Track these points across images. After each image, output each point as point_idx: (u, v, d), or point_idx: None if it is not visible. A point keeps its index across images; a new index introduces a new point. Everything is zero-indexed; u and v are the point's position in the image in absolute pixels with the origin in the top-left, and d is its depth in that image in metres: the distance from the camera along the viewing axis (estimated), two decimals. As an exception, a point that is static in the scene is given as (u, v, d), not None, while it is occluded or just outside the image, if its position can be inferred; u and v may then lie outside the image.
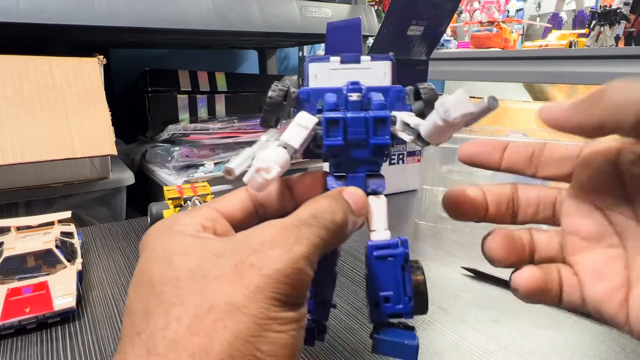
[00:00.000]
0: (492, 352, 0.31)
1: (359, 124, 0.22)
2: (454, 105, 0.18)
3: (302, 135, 0.22)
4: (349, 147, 0.22)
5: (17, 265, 0.38)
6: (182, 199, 0.55)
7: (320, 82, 0.24)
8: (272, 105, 0.23)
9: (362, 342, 0.33)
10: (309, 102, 0.24)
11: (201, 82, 1.12)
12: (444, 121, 0.18)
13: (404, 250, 0.22)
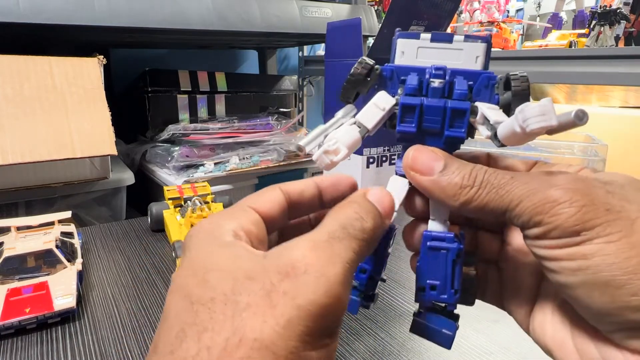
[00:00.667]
0: (493, 353, 0.31)
1: (435, 113, 0.21)
2: (535, 116, 0.17)
3: (378, 116, 0.22)
4: (422, 135, 0.21)
5: (17, 265, 0.38)
6: (182, 199, 0.55)
7: (406, 60, 0.23)
8: (354, 80, 0.22)
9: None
10: (392, 80, 0.23)
11: (201, 82, 1.12)
12: (522, 129, 0.18)
13: (459, 246, 0.21)
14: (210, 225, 0.20)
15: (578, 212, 0.16)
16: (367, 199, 0.20)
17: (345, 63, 0.64)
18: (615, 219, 0.16)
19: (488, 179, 0.18)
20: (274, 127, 1.11)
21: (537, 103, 0.18)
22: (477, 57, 0.22)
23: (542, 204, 0.17)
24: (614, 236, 0.16)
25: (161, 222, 0.52)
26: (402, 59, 0.23)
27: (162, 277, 0.43)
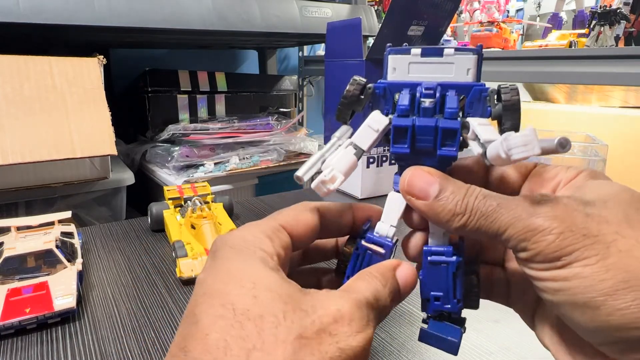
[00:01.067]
0: (493, 353, 0.31)
1: (427, 133, 0.21)
2: (518, 146, 0.18)
3: (372, 137, 0.22)
4: (416, 155, 0.22)
5: (17, 265, 0.38)
6: (182, 199, 0.54)
7: (399, 76, 0.23)
8: (349, 100, 0.23)
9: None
10: (385, 97, 0.23)
11: (201, 82, 1.12)
12: (507, 157, 0.18)
13: (458, 259, 0.22)
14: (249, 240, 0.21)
15: (557, 239, 0.17)
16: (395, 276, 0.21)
17: (345, 63, 0.64)
18: (592, 243, 0.17)
19: (478, 206, 0.19)
20: (274, 127, 1.11)
21: (520, 132, 0.18)
22: (469, 70, 0.22)
23: (525, 232, 0.18)
24: (590, 260, 0.17)
25: (161, 222, 0.52)
26: (394, 75, 0.23)
27: (162, 277, 0.43)
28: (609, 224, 0.17)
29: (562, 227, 0.17)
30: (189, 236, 0.47)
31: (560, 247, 0.17)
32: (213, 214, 0.50)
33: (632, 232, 0.17)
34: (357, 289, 0.19)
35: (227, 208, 0.56)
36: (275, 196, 0.69)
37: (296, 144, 1.08)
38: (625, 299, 0.16)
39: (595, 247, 0.17)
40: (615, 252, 0.17)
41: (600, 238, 0.17)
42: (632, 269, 0.16)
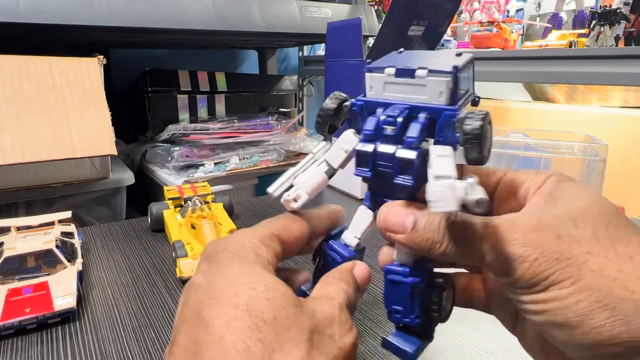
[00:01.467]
0: (493, 353, 0.31)
1: (387, 160, 0.21)
2: (434, 201, 0.18)
3: (342, 157, 0.24)
4: (377, 179, 0.22)
5: (17, 265, 0.38)
6: (182, 199, 0.55)
7: (375, 94, 0.23)
8: (324, 115, 0.23)
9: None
10: (362, 114, 0.23)
11: (201, 82, 1.12)
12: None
13: (413, 280, 0.22)
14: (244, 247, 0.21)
15: (532, 266, 0.18)
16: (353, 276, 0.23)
17: (345, 63, 0.64)
18: (565, 267, 0.18)
19: (456, 235, 0.20)
20: (274, 127, 1.11)
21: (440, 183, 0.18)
22: (441, 93, 0.21)
23: (501, 261, 0.19)
24: (565, 283, 0.17)
25: (161, 222, 0.52)
26: (371, 93, 0.23)
27: (162, 277, 0.43)
28: (580, 244, 0.18)
29: (536, 254, 0.18)
30: (189, 236, 0.47)
31: (536, 273, 0.18)
32: (213, 214, 0.50)
33: (602, 250, 0.18)
34: (333, 294, 0.21)
35: (227, 208, 0.56)
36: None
37: (296, 144, 1.08)
38: (600, 318, 0.17)
39: (568, 270, 0.18)
40: (587, 272, 0.17)
41: (572, 260, 0.18)
42: (604, 289, 0.17)
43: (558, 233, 0.18)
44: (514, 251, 0.18)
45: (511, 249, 0.18)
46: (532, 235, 0.18)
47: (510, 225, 0.19)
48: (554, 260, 0.18)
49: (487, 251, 0.19)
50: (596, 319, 0.17)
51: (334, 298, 0.21)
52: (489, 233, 0.19)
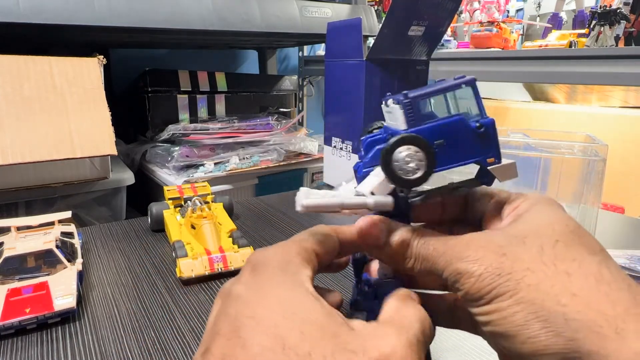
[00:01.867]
0: (493, 353, 0.31)
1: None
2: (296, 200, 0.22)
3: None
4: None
5: (17, 265, 0.38)
6: (182, 199, 0.54)
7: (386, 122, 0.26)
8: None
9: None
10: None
11: (201, 82, 1.12)
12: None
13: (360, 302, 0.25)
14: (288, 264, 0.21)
15: (477, 281, 0.20)
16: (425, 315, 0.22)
17: (345, 63, 0.64)
18: (504, 282, 0.19)
19: (419, 251, 0.22)
20: (274, 127, 1.11)
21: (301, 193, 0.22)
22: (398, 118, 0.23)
23: (455, 274, 0.20)
24: (504, 296, 0.19)
25: (161, 222, 0.52)
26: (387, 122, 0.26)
27: (162, 277, 0.43)
28: (522, 261, 0.20)
29: (481, 269, 0.20)
30: (189, 236, 0.47)
31: (480, 288, 0.20)
32: (213, 214, 0.50)
33: (542, 266, 0.19)
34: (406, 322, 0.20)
35: (227, 208, 0.56)
36: (275, 196, 0.69)
37: (296, 144, 1.08)
38: (534, 329, 0.18)
39: (507, 285, 0.19)
40: (524, 287, 0.19)
41: (512, 275, 0.19)
42: (538, 302, 0.18)
43: (504, 252, 0.20)
44: (463, 267, 0.20)
45: (460, 264, 0.20)
46: (480, 252, 0.20)
47: (465, 244, 0.21)
48: (496, 276, 0.19)
49: (443, 266, 0.21)
50: (530, 330, 0.18)
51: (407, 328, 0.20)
52: (444, 250, 0.21)
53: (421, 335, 0.20)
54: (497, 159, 0.23)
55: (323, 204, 0.23)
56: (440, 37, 0.64)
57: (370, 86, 0.60)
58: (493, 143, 0.23)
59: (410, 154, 0.22)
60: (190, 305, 0.38)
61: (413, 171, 0.22)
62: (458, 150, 0.23)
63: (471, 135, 0.23)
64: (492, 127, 0.23)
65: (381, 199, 0.23)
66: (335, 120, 0.68)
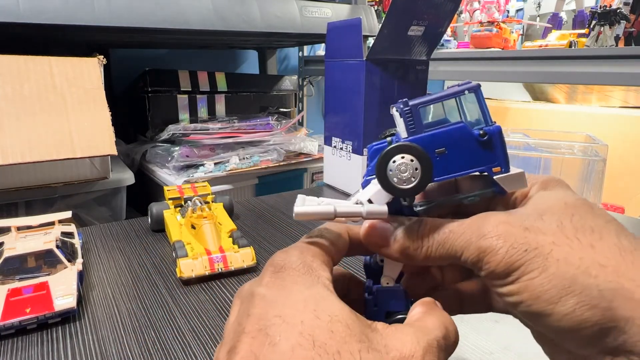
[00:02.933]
0: (493, 353, 0.32)
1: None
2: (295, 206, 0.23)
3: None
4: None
5: (17, 265, 0.38)
6: (182, 199, 0.55)
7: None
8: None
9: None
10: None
11: (201, 82, 1.12)
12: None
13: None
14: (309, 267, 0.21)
15: (503, 258, 0.19)
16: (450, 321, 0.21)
17: (345, 63, 0.64)
18: (532, 257, 0.18)
19: (433, 236, 0.21)
20: (274, 127, 1.11)
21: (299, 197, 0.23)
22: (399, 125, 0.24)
23: (477, 253, 0.20)
24: (533, 273, 0.18)
25: (161, 222, 0.52)
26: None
27: (162, 277, 0.43)
28: (545, 235, 0.19)
29: (506, 246, 0.19)
30: (189, 236, 0.47)
31: (507, 265, 0.19)
32: (213, 214, 0.50)
33: (566, 240, 0.19)
34: (427, 326, 0.20)
35: (227, 208, 0.56)
36: (275, 196, 0.69)
37: (296, 144, 1.08)
38: (569, 305, 0.18)
39: (536, 260, 0.18)
40: (553, 262, 0.18)
41: (539, 250, 0.19)
42: (569, 276, 0.18)
43: (525, 225, 0.19)
44: (486, 244, 0.19)
45: (483, 241, 0.20)
46: (501, 228, 0.20)
47: (482, 221, 0.20)
48: (522, 252, 0.19)
49: (462, 247, 0.20)
50: (566, 306, 0.18)
51: (428, 332, 0.19)
52: (463, 230, 0.20)
53: (443, 341, 0.19)
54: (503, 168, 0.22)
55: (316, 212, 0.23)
56: (440, 37, 0.64)
57: (370, 86, 0.60)
58: (499, 151, 0.22)
59: (405, 163, 0.22)
60: (190, 305, 0.38)
61: (408, 180, 0.22)
62: (461, 158, 0.23)
63: (474, 144, 0.22)
64: (498, 135, 0.22)
65: (375, 207, 0.23)
66: (335, 120, 0.68)
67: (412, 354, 0.18)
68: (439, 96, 0.23)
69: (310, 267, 0.21)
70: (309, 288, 0.20)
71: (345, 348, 0.17)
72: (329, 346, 0.17)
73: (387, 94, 0.62)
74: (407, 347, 0.18)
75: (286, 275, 0.21)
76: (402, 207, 0.24)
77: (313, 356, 0.17)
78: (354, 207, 0.23)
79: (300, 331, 0.18)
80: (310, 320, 0.18)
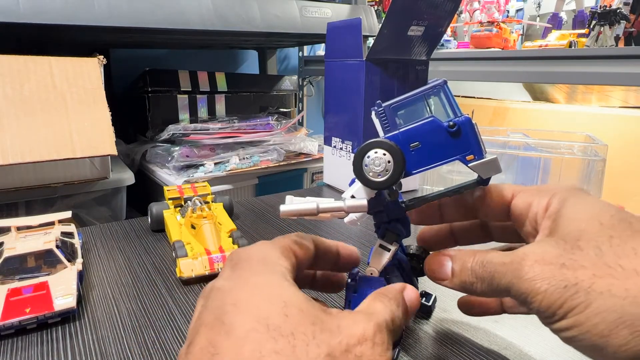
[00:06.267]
0: (493, 353, 0.32)
1: None
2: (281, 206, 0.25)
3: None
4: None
5: (17, 265, 0.38)
6: (182, 199, 0.54)
7: None
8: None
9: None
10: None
11: (201, 82, 1.12)
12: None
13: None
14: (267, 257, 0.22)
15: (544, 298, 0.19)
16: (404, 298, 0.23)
17: (345, 63, 0.64)
18: (574, 293, 0.18)
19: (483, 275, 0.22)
20: (274, 127, 1.11)
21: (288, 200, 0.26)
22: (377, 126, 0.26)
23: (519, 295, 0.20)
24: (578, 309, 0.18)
25: (161, 222, 0.52)
26: None
27: (162, 277, 0.43)
28: (585, 268, 0.19)
29: (545, 285, 0.19)
30: (189, 236, 0.47)
31: (550, 304, 0.19)
32: (213, 214, 0.50)
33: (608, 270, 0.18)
34: (376, 311, 0.21)
35: (227, 208, 0.56)
36: (275, 196, 0.69)
37: (296, 144, 1.08)
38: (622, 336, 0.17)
39: (577, 297, 0.18)
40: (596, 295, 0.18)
41: (579, 285, 0.18)
42: (617, 308, 0.18)
43: (562, 261, 0.19)
44: (526, 286, 0.20)
45: (523, 284, 0.20)
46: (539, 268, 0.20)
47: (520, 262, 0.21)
48: (562, 289, 0.19)
49: (508, 287, 0.21)
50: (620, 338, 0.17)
51: (376, 315, 0.21)
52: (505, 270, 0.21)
53: (390, 323, 0.20)
54: (477, 155, 0.23)
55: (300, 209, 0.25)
56: (440, 37, 0.64)
57: (370, 86, 0.60)
58: (470, 140, 0.23)
59: (378, 157, 0.23)
60: (190, 305, 0.38)
61: (382, 173, 0.23)
62: (434, 150, 0.24)
63: (445, 135, 0.23)
64: (467, 125, 0.23)
65: (355, 202, 0.25)
66: (335, 120, 0.68)
67: (363, 333, 0.19)
68: (410, 95, 0.25)
69: (268, 258, 0.22)
70: (264, 276, 0.21)
71: (299, 329, 0.18)
72: (283, 329, 0.18)
73: (387, 94, 0.62)
74: (359, 326, 0.19)
75: (244, 265, 0.21)
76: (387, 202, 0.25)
77: (267, 339, 0.17)
78: (335, 202, 0.25)
79: (255, 316, 0.18)
80: (265, 306, 0.19)
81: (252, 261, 0.22)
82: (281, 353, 0.17)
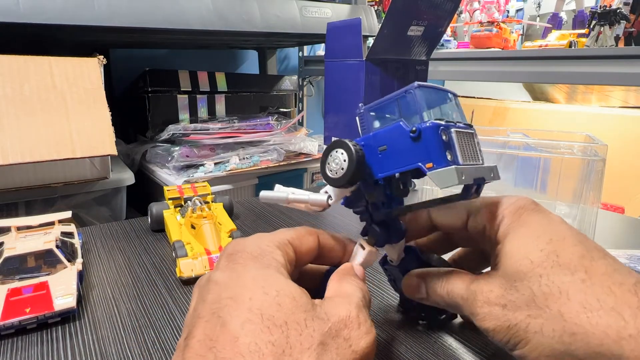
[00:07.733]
0: (493, 353, 0.32)
1: None
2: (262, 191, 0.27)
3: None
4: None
5: (17, 265, 0.38)
6: (182, 199, 0.55)
7: None
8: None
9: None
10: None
11: (201, 82, 1.12)
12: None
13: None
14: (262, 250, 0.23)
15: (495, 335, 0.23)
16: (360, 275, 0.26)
17: (345, 63, 0.64)
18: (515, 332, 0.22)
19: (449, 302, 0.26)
20: (274, 127, 1.11)
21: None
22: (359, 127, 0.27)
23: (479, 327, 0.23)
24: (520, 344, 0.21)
25: (161, 222, 0.52)
26: None
27: (162, 277, 0.43)
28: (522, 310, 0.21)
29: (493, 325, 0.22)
30: (189, 236, 0.47)
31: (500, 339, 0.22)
32: (213, 214, 0.50)
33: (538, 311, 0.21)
34: (349, 292, 0.22)
35: (227, 208, 0.56)
36: (275, 196, 0.69)
37: (296, 144, 1.08)
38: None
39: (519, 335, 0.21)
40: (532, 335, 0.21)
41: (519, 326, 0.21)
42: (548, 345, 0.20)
43: (504, 303, 0.22)
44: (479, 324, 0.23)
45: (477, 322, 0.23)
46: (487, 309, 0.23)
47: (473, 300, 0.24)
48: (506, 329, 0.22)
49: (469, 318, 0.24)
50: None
51: (351, 296, 0.22)
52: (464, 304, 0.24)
53: (364, 299, 0.23)
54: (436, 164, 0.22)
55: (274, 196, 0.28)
56: (439, 37, 0.64)
57: (370, 86, 0.60)
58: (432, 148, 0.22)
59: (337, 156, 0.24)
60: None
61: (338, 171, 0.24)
62: (398, 155, 0.23)
63: (408, 141, 0.23)
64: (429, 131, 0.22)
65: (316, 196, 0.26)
66: (335, 120, 0.68)
67: (349, 315, 0.20)
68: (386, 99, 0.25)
69: (263, 251, 0.23)
70: (258, 269, 0.21)
71: (292, 318, 0.19)
72: (276, 318, 0.19)
73: (387, 94, 0.61)
74: (343, 311, 0.21)
75: (239, 258, 0.22)
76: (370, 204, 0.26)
77: (262, 329, 0.18)
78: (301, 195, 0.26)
79: (249, 308, 0.19)
80: (259, 297, 0.20)
81: (247, 253, 0.22)
82: (276, 343, 0.18)
